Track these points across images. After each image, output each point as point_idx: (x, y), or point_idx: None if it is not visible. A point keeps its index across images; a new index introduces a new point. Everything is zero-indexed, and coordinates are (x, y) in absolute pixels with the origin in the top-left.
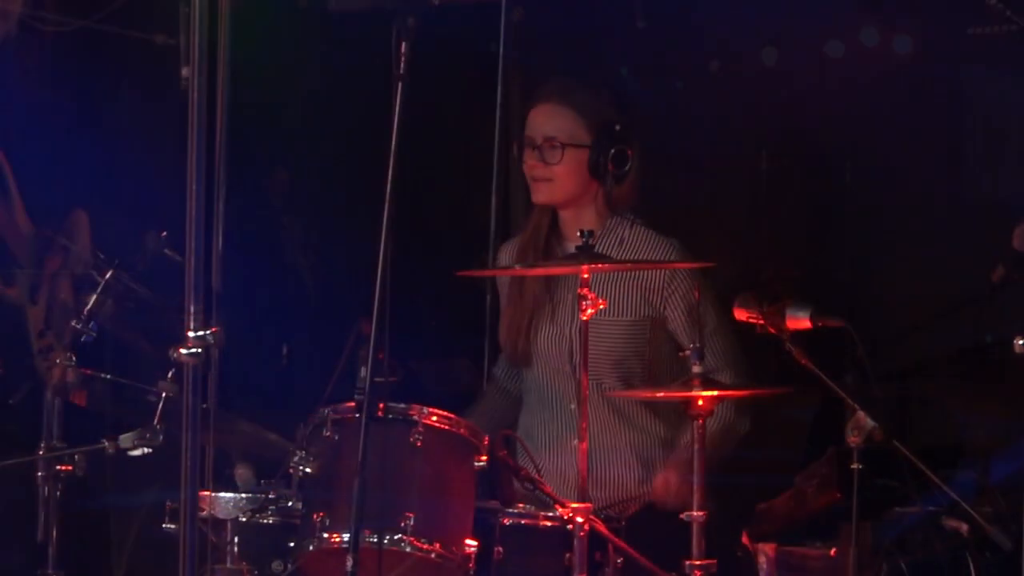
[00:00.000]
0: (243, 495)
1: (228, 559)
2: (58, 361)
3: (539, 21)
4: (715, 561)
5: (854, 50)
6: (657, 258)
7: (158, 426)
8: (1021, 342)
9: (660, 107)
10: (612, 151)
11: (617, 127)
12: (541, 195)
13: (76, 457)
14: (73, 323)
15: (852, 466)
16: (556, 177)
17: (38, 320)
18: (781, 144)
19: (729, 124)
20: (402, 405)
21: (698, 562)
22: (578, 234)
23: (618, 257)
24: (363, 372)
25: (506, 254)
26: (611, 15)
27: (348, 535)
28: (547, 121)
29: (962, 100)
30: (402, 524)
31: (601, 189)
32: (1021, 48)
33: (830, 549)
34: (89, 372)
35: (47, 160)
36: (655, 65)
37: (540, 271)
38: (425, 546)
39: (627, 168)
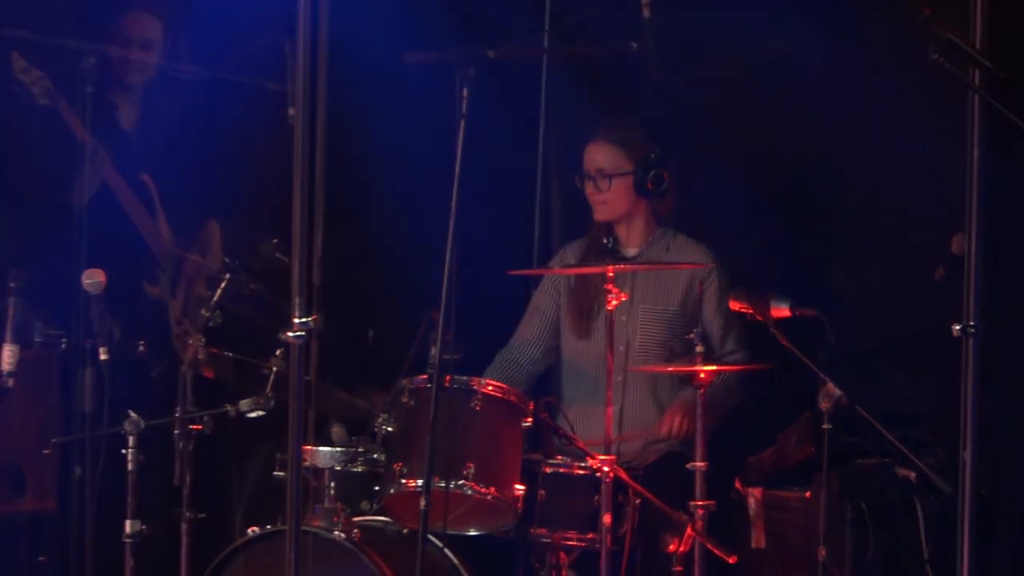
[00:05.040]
0: (338, 449)
1: (326, 500)
2: (191, 342)
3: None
4: (714, 502)
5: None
6: (696, 260)
7: (270, 394)
8: (957, 327)
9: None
10: (651, 173)
11: (653, 155)
12: (600, 214)
13: (204, 418)
14: (203, 312)
15: (823, 426)
16: (608, 201)
17: (177, 311)
18: (758, 148)
19: (708, 124)
20: (464, 377)
21: (700, 503)
22: (632, 242)
23: (666, 260)
24: (433, 351)
25: (569, 252)
26: (634, 68)
27: (422, 481)
28: (597, 156)
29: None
30: (464, 472)
31: (648, 204)
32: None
33: (806, 492)
34: (215, 351)
35: (185, 183)
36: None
37: (574, 271)
38: (483, 490)
39: (665, 186)
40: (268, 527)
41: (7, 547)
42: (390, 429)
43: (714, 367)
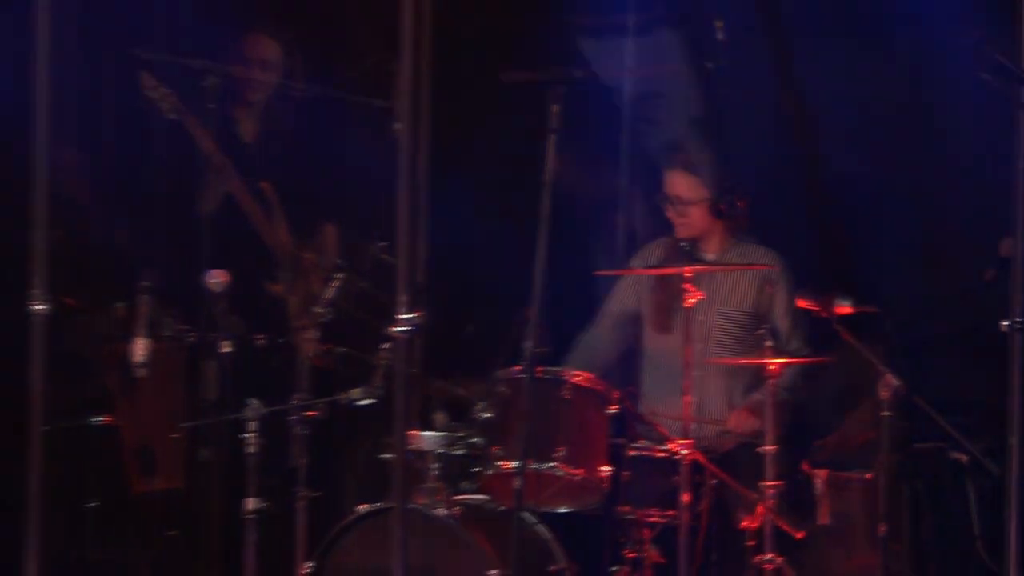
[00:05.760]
0: (440, 434)
1: (429, 480)
2: (307, 336)
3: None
4: (783, 483)
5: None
6: (766, 264)
7: (379, 383)
8: (1005, 323)
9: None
10: (724, 200)
11: (726, 183)
12: (681, 232)
13: (319, 405)
14: (318, 308)
15: (883, 413)
16: (687, 223)
17: (295, 307)
18: (823, 162)
19: (774, 137)
20: (555, 368)
21: (770, 483)
22: (711, 252)
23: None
24: (527, 345)
25: (651, 253)
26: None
27: (517, 463)
28: (676, 184)
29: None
30: (555, 455)
31: (723, 223)
32: None
33: (867, 474)
34: (328, 345)
35: (302, 190)
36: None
37: (654, 271)
38: (572, 471)
39: (738, 210)
40: (377, 504)
41: (141, 523)
42: (488, 415)
43: (783, 359)
